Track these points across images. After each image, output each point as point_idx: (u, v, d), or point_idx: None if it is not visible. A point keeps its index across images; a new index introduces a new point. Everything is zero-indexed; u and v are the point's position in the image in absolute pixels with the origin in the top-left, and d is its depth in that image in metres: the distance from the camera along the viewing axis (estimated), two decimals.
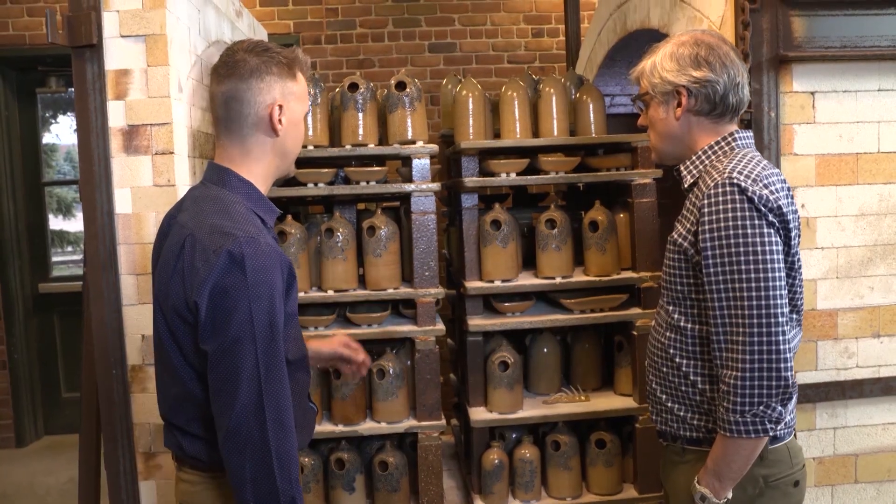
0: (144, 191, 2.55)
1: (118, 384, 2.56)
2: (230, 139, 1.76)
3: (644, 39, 3.52)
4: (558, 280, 3.11)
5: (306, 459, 3.02)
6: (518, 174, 3.13)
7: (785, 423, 1.80)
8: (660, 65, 1.91)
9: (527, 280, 3.15)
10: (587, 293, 3.16)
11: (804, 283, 2.54)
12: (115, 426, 2.58)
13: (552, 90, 3.20)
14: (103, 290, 2.54)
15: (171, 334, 1.67)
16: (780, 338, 1.68)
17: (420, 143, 3.05)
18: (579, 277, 3.15)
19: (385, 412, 3.04)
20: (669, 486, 1.97)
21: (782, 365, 1.68)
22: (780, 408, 1.70)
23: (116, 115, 2.53)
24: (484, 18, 5.84)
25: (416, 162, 3.03)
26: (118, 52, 2.51)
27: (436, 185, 3.03)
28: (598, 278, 3.11)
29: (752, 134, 1.95)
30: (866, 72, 2.56)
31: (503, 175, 3.11)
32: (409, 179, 3.05)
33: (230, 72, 1.73)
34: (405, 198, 3.11)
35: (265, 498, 1.59)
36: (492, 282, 3.10)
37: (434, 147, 3.04)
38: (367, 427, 3.05)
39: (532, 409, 3.15)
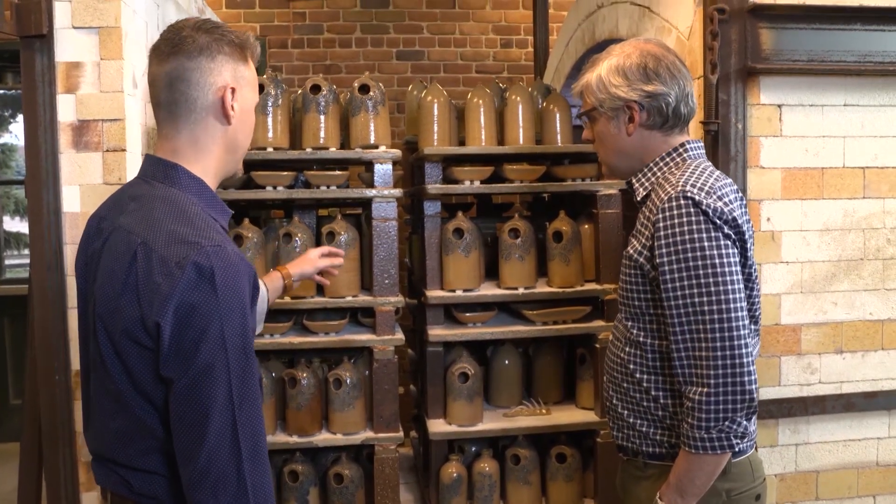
0: (94, 189, 2.45)
1: (61, 390, 2.46)
2: (175, 127, 1.53)
3: None
4: (521, 291, 3.06)
5: None
6: (482, 182, 3.08)
7: (748, 437, 1.76)
8: (606, 79, 1.85)
9: (489, 290, 3.10)
10: (550, 304, 3.11)
11: (768, 298, 2.53)
12: (57, 434, 2.47)
13: (518, 98, 3.16)
14: (48, 292, 2.44)
15: (117, 358, 1.42)
16: (743, 351, 1.66)
17: (382, 148, 2.98)
18: (542, 288, 3.10)
19: (341, 423, 2.96)
20: (629, 501, 1.92)
21: (746, 378, 1.65)
22: (745, 422, 1.67)
23: (66, 110, 2.43)
24: (453, 27, 5.82)
25: (378, 167, 2.96)
26: (70, 44, 2.41)
27: (397, 192, 2.97)
28: (561, 290, 3.07)
29: (702, 143, 1.92)
30: (832, 86, 2.55)
31: (467, 183, 3.06)
32: (371, 185, 2.98)
33: (175, 49, 1.50)
34: (367, 204, 3.04)
35: None
36: (453, 291, 3.04)
37: (396, 152, 2.98)
38: (323, 438, 2.96)
39: (492, 422, 3.09)
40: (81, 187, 2.45)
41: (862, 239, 2.60)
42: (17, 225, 6.84)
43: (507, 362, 3.23)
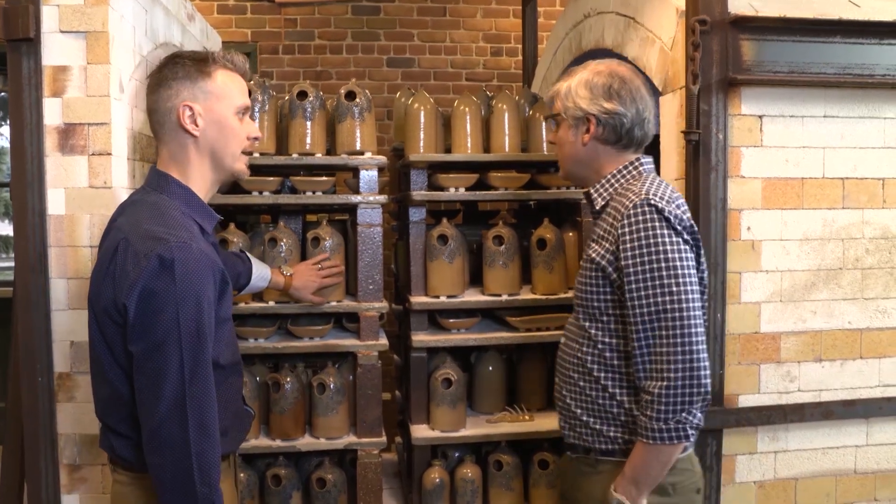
0: (79, 192, 2.46)
1: (43, 392, 2.46)
2: (161, 146, 1.84)
3: (599, 59, 3.52)
4: (504, 297, 3.07)
5: (242, 475, 2.92)
6: (468, 189, 3.10)
7: (699, 428, 1.88)
8: (574, 90, 2.02)
9: (473, 297, 3.11)
10: (533, 311, 3.13)
11: (748, 306, 2.56)
12: (39, 437, 2.47)
13: (505, 106, 3.19)
14: (31, 294, 2.45)
15: (101, 335, 1.70)
16: (700, 347, 1.79)
17: (368, 155, 3.00)
18: (526, 295, 3.12)
19: (324, 428, 2.97)
20: (580, 497, 2.03)
21: (702, 373, 1.78)
22: (699, 414, 1.81)
23: (52, 113, 2.44)
24: (443, 35, 5.85)
25: (363, 173, 2.98)
26: (57, 48, 2.43)
27: (382, 198, 2.98)
28: (544, 297, 3.08)
29: (652, 159, 2.08)
30: (812, 98, 2.58)
31: (452, 190, 3.08)
32: (357, 191, 3.00)
33: (149, 89, 1.83)
34: (352, 209, 3.05)
35: (184, 500, 1.61)
36: (437, 297, 3.05)
37: (382, 158, 3.00)
38: (306, 443, 2.97)
39: (475, 428, 3.10)
40: (67, 190, 2.45)
41: (841, 248, 2.63)
42: (8, 228, 6.81)
43: (490, 368, 3.24)
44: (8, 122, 5.96)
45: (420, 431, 3.08)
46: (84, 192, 2.46)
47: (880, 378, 2.68)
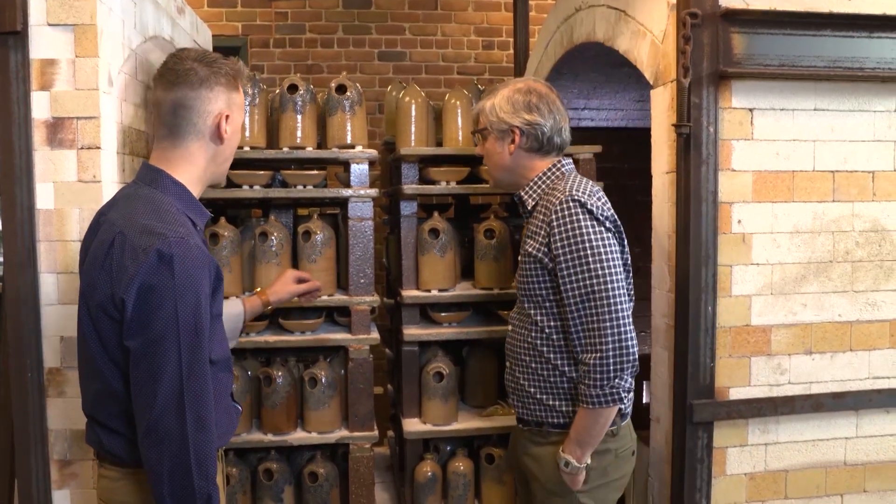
0: (68, 186, 2.44)
1: (33, 388, 2.44)
2: (173, 143, 1.82)
3: (590, 52, 3.53)
4: (496, 291, 3.07)
5: (234, 469, 2.92)
6: (458, 183, 3.09)
7: (629, 400, 2.20)
8: (498, 106, 2.27)
9: (464, 290, 3.11)
10: None
11: (739, 299, 2.57)
12: (29, 433, 2.46)
13: None
14: (20, 289, 2.43)
15: (94, 330, 1.69)
16: (626, 321, 2.06)
17: (359, 148, 2.99)
18: None
19: (316, 422, 2.97)
20: (529, 462, 2.29)
21: (629, 343, 2.05)
22: (630, 378, 2.08)
23: (41, 107, 2.42)
24: (435, 29, 5.83)
25: (354, 167, 2.97)
26: (44, 41, 2.40)
27: (373, 191, 2.98)
28: None
29: (571, 161, 2.35)
30: (803, 91, 2.59)
31: (443, 183, 3.07)
32: (348, 185, 2.99)
33: (179, 80, 1.80)
34: (343, 203, 3.05)
35: (181, 494, 1.61)
36: (429, 291, 3.05)
37: (373, 152, 2.99)
38: (298, 437, 2.97)
39: (467, 422, 3.10)
40: (56, 184, 2.44)
41: (831, 241, 2.64)
42: None
43: (482, 362, 3.25)
44: None
45: (412, 425, 3.08)
46: (73, 187, 2.44)
47: (870, 370, 2.69)
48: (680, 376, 2.57)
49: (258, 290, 2.63)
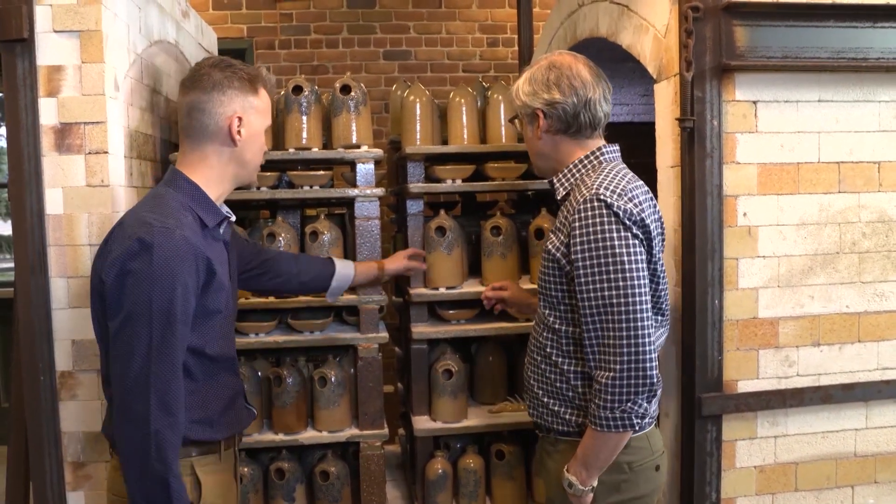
0: (77, 191, 2.47)
1: (46, 391, 2.48)
2: (190, 146, 1.90)
3: (594, 48, 3.52)
4: None
5: (246, 469, 2.94)
6: (464, 181, 3.10)
7: (649, 417, 1.99)
8: (521, 88, 2.10)
9: (472, 287, 3.12)
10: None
11: (746, 292, 2.56)
12: (43, 435, 2.49)
13: (500, 97, 3.19)
14: (32, 294, 2.46)
15: (96, 313, 1.82)
16: (646, 340, 1.84)
17: (364, 148, 3.00)
18: (525, 285, 3.12)
19: (327, 421, 2.99)
20: (543, 474, 2.15)
21: (648, 365, 1.84)
22: (645, 404, 1.87)
23: (48, 113, 2.45)
24: (439, 27, 5.84)
25: (360, 167, 2.99)
26: (51, 48, 2.43)
27: (379, 191, 2.99)
28: None
29: (618, 147, 2.11)
30: (807, 82, 2.58)
31: (449, 181, 3.08)
32: (354, 184, 3.01)
33: (195, 84, 1.88)
34: (350, 203, 3.06)
35: (139, 475, 1.66)
36: (437, 289, 3.06)
37: (378, 151, 3.00)
38: (309, 436, 2.99)
39: (477, 419, 3.11)
40: (64, 189, 2.46)
41: (838, 233, 2.63)
42: (7, 228, 6.82)
43: (490, 359, 3.26)
44: (3, 122, 5.94)
45: (422, 423, 3.09)
46: (82, 191, 2.47)
47: (879, 361, 2.68)
48: (688, 370, 2.57)
49: (377, 261, 2.88)
